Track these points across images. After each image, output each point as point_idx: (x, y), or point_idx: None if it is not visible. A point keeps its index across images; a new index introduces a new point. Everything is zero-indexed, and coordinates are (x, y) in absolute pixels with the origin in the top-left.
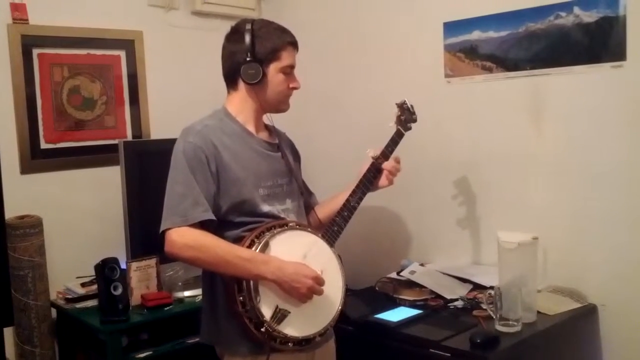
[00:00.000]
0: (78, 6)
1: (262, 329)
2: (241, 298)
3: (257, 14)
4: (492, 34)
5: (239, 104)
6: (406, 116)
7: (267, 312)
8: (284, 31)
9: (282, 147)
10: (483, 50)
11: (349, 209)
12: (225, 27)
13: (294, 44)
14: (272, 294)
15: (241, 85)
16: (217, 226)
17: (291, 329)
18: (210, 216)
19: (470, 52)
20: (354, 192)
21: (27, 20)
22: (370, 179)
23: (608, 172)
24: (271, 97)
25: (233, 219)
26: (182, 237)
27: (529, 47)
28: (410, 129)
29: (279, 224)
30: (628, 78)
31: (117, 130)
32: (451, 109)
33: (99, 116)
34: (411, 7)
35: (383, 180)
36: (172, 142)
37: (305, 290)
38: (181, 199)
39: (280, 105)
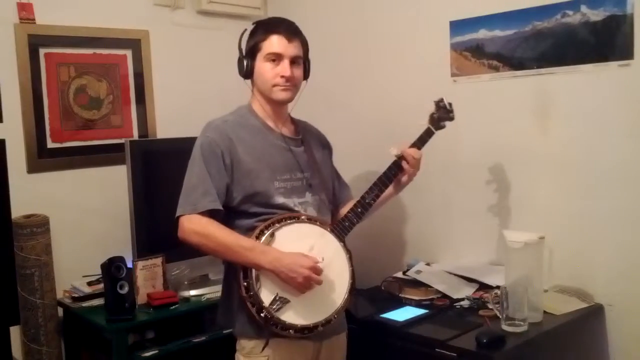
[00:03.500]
0: (84, 6)
1: (262, 314)
2: (245, 284)
3: (263, 13)
4: (498, 32)
5: (256, 101)
6: (440, 114)
7: (266, 298)
8: (271, 23)
9: (307, 141)
10: (489, 49)
11: (363, 205)
12: (231, 26)
13: (278, 32)
14: (273, 282)
15: (250, 83)
16: (233, 215)
17: (290, 316)
18: (217, 206)
19: (477, 50)
20: (370, 189)
21: (33, 20)
22: (389, 177)
23: (614, 171)
24: (261, 87)
25: (247, 209)
26: (191, 223)
27: (535, 46)
28: (442, 127)
29: (290, 217)
30: (635, 77)
31: (124, 129)
32: (457, 108)
33: (106, 115)
34: (417, 5)
35: (403, 177)
36: (178, 141)
37: (302, 280)
38: (194, 189)
39: (272, 93)
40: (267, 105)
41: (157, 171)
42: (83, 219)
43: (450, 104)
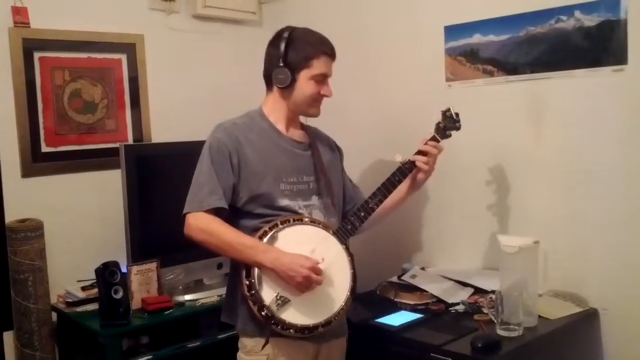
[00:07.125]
0: (79, 10)
1: (263, 313)
2: (247, 282)
3: (258, 17)
4: (492, 37)
5: (272, 105)
6: (446, 124)
7: (267, 297)
8: (321, 41)
9: (315, 146)
10: (484, 54)
11: (366, 209)
12: (226, 31)
13: (329, 54)
14: (275, 281)
15: (274, 87)
16: (239, 216)
17: (290, 316)
18: (223, 204)
19: (471, 55)
20: (374, 194)
21: (28, 23)
22: (393, 182)
23: (609, 176)
24: (299, 102)
25: (252, 210)
26: (197, 221)
27: (529, 51)
28: (449, 136)
29: (294, 218)
30: (629, 82)
31: (118, 133)
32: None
33: (100, 120)
34: (412, 10)
35: (419, 174)
36: (173, 145)
37: (301, 279)
38: (200, 188)
39: (309, 109)
40: (286, 112)
41: (152, 175)
42: (77, 224)
43: (457, 114)
